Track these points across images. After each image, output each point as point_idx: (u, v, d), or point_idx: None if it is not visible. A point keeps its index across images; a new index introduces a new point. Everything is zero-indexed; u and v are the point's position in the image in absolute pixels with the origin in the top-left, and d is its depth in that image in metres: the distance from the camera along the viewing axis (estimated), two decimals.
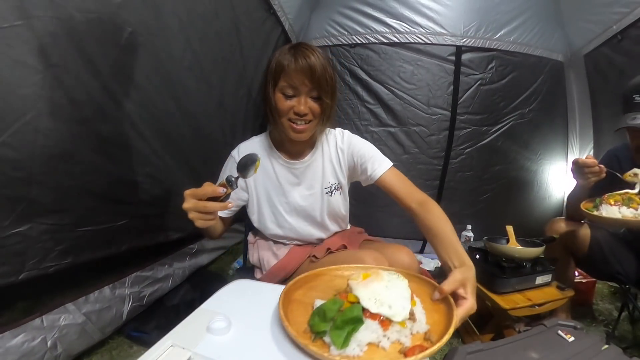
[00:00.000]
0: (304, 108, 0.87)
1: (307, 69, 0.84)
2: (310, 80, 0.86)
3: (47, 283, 1.07)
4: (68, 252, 1.09)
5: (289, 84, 0.86)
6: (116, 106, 1.15)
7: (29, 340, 0.97)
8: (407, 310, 0.56)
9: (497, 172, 2.32)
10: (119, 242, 1.29)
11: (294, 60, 0.85)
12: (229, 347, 0.56)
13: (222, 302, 0.69)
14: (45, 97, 0.91)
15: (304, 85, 0.86)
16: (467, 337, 1.37)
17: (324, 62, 0.87)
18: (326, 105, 0.90)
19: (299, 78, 0.85)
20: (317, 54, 0.87)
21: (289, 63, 0.85)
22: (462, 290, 0.65)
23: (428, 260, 2.13)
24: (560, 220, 1.46)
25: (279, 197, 1.01)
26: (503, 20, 2.09)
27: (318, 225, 1.05)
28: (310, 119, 0.90)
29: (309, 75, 0.85)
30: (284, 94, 0.88)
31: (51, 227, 1.03)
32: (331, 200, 1.03)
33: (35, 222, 0.98)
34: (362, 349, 0.52)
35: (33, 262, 1.01)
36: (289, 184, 1.01)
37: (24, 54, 0.84)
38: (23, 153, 0.90)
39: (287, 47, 0.89)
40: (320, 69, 0.85)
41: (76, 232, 1.10)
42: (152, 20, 1.19)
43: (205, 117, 1.63)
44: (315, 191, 1.02)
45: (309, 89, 0.87)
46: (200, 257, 1.84)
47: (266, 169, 1.00)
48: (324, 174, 1.02)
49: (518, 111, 2.24)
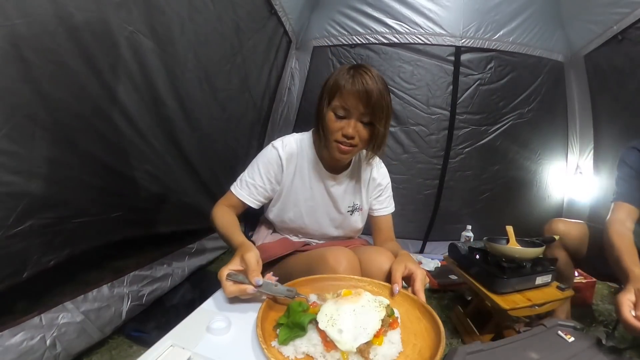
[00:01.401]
0: (352, 131, 0.86)
1: (363, 93, 0.83)
2: (365, 104, 0.84)
3: (45, 281, 1.07)
4: (65, 243, 1.09)
5: (342, 105, 0.85)
6: (116, 105, 1.15)
7: (27, 339, 0.97)
8: (357, 343, 0.52)
9: (496, 171, 2.32)
10: (113, 232, 1.29)
11: (351, 81, 0.84)
12: (229, 347, 0.56)
13: (221, 302, 0.69)
14: (44, 93, 0.91)
15: (356, 109, 0.85)
16: (467, 337, 1.38)
17: (382, 89, 0.86)
18: (377, 132, 0.89)
19: (352, 101, 0.84)
20: (376, 79, 0.85)
21: (345, 83, 0.84)
22: (406, 270, 0.77)
23: (428, 260, 2.13)
24: (559, 220, 1.45)
25: (306, 199, 1.01)
26: (502, 20, 2.10)
27: (330, 230, 1.06)
28: (357, 143, 0.88)
29: (364, 99, 0.83)
30: (335, 114, 0.87)
31: (51, 221, 1.03)
32: (350, 218, 1.05)
33: (37, 218, 0.97)
34: (297, 355, 0.53)
35: (34, 259, 1.01)
36: (318, 193, 1.01)
37: (25, 51, 0.84)
38: (22, 145, 0.90)
39: (347, 66, 0.89)
40: (376, 95, 0.84)
41: (72, 223, 1.10)
42: (154, 21, 1.19)
43: (208, 119, 1.63)
44: (338, 207, 1.03)
45: (361, 114, 0.86)
46: (199, 257, 1.84)
47: (302, 170, 0.99)
48: (353, 193, 1.04)
49: (517, 111, 2.25)
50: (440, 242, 2.35)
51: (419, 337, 0.59)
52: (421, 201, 2.30)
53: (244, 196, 0.96)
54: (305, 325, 0.55)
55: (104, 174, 1.18)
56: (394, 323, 0.59)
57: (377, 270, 0.85)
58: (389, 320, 0.58)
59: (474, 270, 1.34)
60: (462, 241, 1.82)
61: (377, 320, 0.55)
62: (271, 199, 1.01)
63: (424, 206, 2.32)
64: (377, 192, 1.08)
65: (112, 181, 1.22)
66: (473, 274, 1.34)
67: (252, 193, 0.96)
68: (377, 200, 1.09)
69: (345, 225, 1.06)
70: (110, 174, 1.21)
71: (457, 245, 1.47)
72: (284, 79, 2.32)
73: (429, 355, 0.54)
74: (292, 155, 0.98)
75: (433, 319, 0.61)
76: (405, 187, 2.25)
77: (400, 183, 2.23)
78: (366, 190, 1.06)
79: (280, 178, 0.98)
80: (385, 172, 1.11)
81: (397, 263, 0.79)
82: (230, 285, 0.65)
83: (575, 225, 1.40)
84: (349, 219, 1.05)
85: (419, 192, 2.29)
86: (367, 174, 1.06)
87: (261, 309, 0.60)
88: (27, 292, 1.04)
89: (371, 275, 0.84)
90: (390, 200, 1.11)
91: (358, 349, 0.52)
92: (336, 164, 1.00)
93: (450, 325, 1.50)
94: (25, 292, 1.04)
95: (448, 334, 1.41)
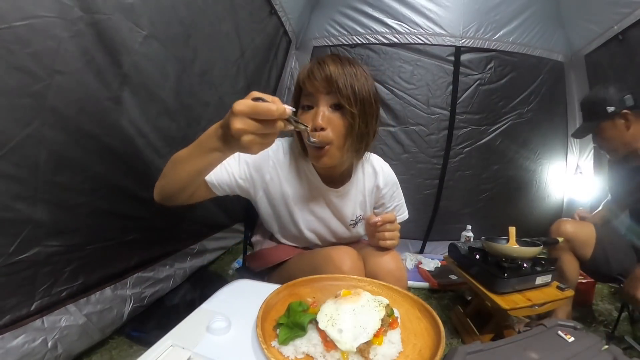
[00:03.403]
0: (320, 120, 0.72)
1: (323, 75, 0.72)
2: (327, 85, 0.72)
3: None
4: (78, 272, 1.05)
5: (306, 95, 0.76)
6: (125, 118, 1.10)
7: (29, 341, 0.96)
8: (357, 343, 0.51)
9: (496, 171, 2.32)
10: (129, 256, 1.27)
11: (310, 69, 0.75)
12: (229, 347, 0.56)
13: (222, 302, 0.69)
14: (48, 108, 0.84)
15: (319, 93, 0.73)
16: (467, 337, 1.38)
17: (352, 70, 0.74)
18: (355, 120, 0.74)
19: (313, 86, 0.73)
20: (342, 62, 0.75)
21: (307, 73, 0.75)
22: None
23: (428, 260, 2.13)
24: (566, 221, 1.42)
25: (304, 214, 0.91)
26: (502, 20, 2.10)
27: (332, 241, 1.01)
28: (330, 137, 0.74)
29: (325, 82, 0.72)
30: (302, 109, 0.77)
31: (59, 249, 0.97)
32: (353, 230, 0.99)
33: (43, 246, 0.91)
34: (297, 355, 0.53)
35: (43, 289, 0.96)
36: (318, 208, 0.93)
37: (25, 59, 0.77)
38: (25, 169, 0.83)
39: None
40: (340, 73, 0.72)
41: (85, 250, 1.05)
42: (160, 25, 1.15)
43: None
44: (341, 221, 0.96)
45: (325, 99, 0.73)
46: (200, 258, 1.84)
47: (294, 180, 0.88)
48: (353, 206, 0.95)
49: (517, 111, 2.25)
50: (440, 242, 2.35)
51: (419, 337, 0.59)
52: (421, 201, 2.30)
53: (210, 177, 0.77)
54: (305, 325, 0.55)
55: (117, 197, 1.12)
56: (394, 323, 0.59)
57: (382, 269, 0.84)
58: (389, 320, 0.58)
59: (474, 270, 1.34)
60: (462, 241, 1.82)
61: (377, 320, 0.55)
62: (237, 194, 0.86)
63: (424, 206, 2.32)
64: (387, 201, 1.02)
65: (125, 204, 1.17)
66: (473, 274, 1.34)
67: (216, 172, 0.77)
68: (388, 209, 1.03)
69: (347, 237, 1.01)
70: (123, 197, 1.16)
71: (457, 245, 1.47)
72: (284, 79, 2.32)
73: (429, 355, 0.54)
74: (281, 162, 0.87)
75: (433, 319, 0.61)
76: (405, 187, 2.21)
77: (400, 183, 2.21)
78: (370, 198, 0.98)
79: (262, 174, 0.85)
80: (393, 180, 1.02)
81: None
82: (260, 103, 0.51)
83: (583, 226, 1.38)
84: (352, 231, 1.00)
85: (419, 192, 2.29)
86: (368, 181, 0.97)
87: (261, 309, 0.60)
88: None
89: (376, 273, 0.83)
90: (401, 208, 1.05)
91: (358, 348, 0.52)
92: (332, 175, 0.90)
93: (450, 325, 1.50)
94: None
95: (448, 334, 1.41)
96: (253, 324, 0.59)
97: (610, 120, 1.32)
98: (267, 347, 0.52)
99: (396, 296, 0.70)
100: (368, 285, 0.74)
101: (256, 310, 0.60)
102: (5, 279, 0.87)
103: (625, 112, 1.29)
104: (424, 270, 1.99)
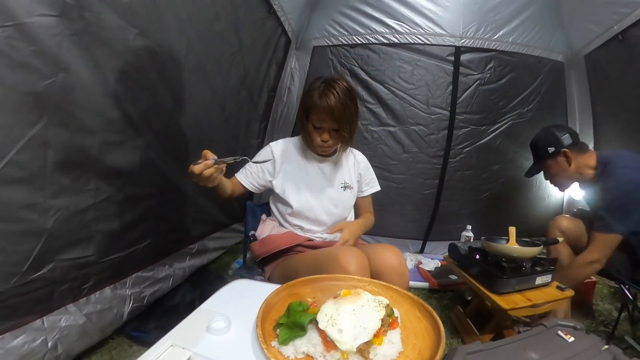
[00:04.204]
0: (326, 137, 1.11)
1: (328, 110, 1.05)
2: (331, 119, 1.07)
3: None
4: (96, 285, 1.03)
5: (316, 119, 1.09)
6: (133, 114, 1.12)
7: (29, 341, 0.96)
8: (357, 343, 0.52)
9: (495, 171, 2.32)
10: (144, 262, 1.29)
11: (319, 99, 1.06)
12: (229, 347, 0.56)
13: (221, 302, 0.70)
14: (53, 106, 0.82)
15: (326, 123, 1.09)
16: (467, 337, 1.38)
17: (345, 101, 1.07)
18: (344, 133, 1.12)
19: (322, 116, 1.08)
20: (340, 94, 1.06)
21: (316, 101, 1.07)
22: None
23: (428, 260, 2.13)
24: (563, 217, 1.50)
25: (303, 178, 1.21)
26: (502, 20, 2.10)
27: (330, 207, 1.21)
28: (332, 143, 1.14)
29: (329, 114, 1.06)
30: (313, 126, 1.11)
31: (75, 263, 0.93)
32: (344, 194, 1.24)
33: (57, 260, 0.87)
34: (297, 355, 0.53)
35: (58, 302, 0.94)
36: (312, 171, 1.22)
37: (29, 56, 0.75)
38: (33, 173, 0.78)
39: (317, 84, 1.09)
40: (340, 109, 1.06)
41: (102, 263, 1.01)
42: (155, 22, 1.17)
43: (208, 120, 1.63)
44: (332, 183, 1.23)
45: (330, 125, 1.09)
46: (200, 257, 1.84)
47: (294, 158, 1.22)
48: (341, 173, 1.26)
49: (516, 111, 2.25)
50: (440, 242, 2.35)
51: (419, 337, 0.59)
52: (421, 201, 2.30)
53: (242, 179, 1.19)
54: (305, 325, 0.55)
55: (124, 196, 1.10)
56: (394, 323, 0.59)
57: (385, 266, 0.95)
58: (389, 320, 0.58)
59: (474, 270, 1.34)
60: (462, 241, 1.81)
61: (376, 320, 0.55)
62: (267, 187, 1.22)
63: (424, 206, 2.32)
64: (364, 174, 1.31)
65: (133, 205, 1.17)
66: (473, 274, 1.34)
67: (248, 177, 1.19)
68: (365, 182, 1.33)
69: (341, 202, 1.23)
70: (129, 196, 1.15)
71: (457, 245, 1.47)
72: (284, 78, 2.32)
73: (429, 355, 0.54)
74: (283, 149, 1.22)
75: (433, 319, 0.61)
76: (405, 187, 2.25)
77: (400, 183, 2.23)
78: (354, 169, 1.29)
79: (273, 168, 1.20)
80: (365, 159, 1.35)
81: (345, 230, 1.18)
82: (194, 166, 0.82)
83: (577, 222, 1.46)
84: (343, 196, 1.24)
85: (419, 191, 2.29)
86: (350, 159, 1.30)
87: (261, 309, 0.60)
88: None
89: (379, 270, 0.95)
90: (375, 180, 1.36)
91: (358, 348, 0.52)
92: (324, 154, 1.22)
93: (450, 325, 1.50)
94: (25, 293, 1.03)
95: (448, 334, 1.41)
96: (253, 324, 0.60)
97: (552, 159, 1.46)
98: (267, 347, 0.52)
99: (396, 296, 0.70)
100: (368, 285, 0.74)
101: (256, 310, 0.61)
102: (20, 301, 0.81)
103: (565, 151, 1.42)
104: (424, 270, 1.99)
